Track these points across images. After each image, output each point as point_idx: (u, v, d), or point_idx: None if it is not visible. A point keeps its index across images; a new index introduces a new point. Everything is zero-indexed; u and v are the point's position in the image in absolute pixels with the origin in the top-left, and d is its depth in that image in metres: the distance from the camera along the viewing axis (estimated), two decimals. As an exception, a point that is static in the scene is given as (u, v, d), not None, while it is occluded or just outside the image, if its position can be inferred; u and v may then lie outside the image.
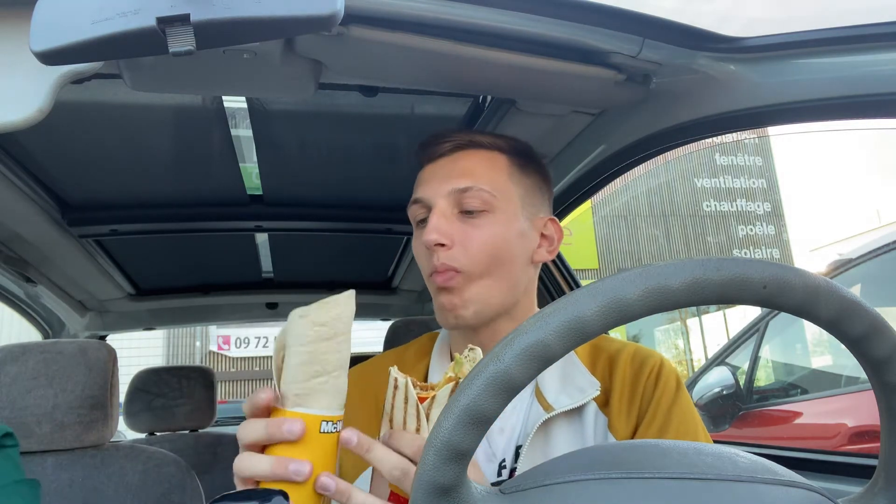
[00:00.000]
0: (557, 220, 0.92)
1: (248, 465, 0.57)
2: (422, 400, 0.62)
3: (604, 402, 0.83)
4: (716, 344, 13.04)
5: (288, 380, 0.59)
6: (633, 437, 0.80)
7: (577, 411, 0.81)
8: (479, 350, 0.66)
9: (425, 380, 0.90)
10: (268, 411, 0.60)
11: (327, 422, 0.58)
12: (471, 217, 0.83)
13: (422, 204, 0.86)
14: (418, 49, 0.76)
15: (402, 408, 0.63)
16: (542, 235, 0.90)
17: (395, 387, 0.63)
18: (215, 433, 2.23)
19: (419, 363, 0.93)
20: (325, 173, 1.51)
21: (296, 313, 0.59)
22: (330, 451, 0.59)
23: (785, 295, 0.43)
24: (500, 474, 0.81)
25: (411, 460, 0.60)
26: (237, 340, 13.71)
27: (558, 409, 0.79)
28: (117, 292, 2.14)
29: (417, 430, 0.62)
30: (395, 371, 0.64)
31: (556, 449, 0.78)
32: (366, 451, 0.60)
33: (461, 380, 0.62)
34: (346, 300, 0.60)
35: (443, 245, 0.81)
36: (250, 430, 0.58)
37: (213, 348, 13.63)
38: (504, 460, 0.81)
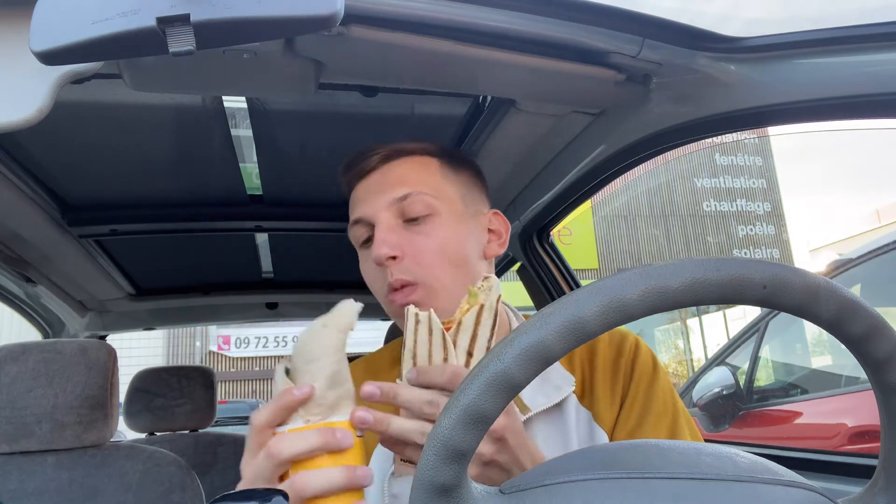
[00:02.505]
0: (501, 213, 0.91)
1: (320, 477, 0.54)
2: (447, 328, 0.63)
3: (582, 394, 0.83)
4: (716, 344, 13.04)
5: (321, 393, 0.57)
6: (616, 420, 0.81)
7: (557, 408, 0.81)
8: (493, 278, 0.66)
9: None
10: (272, 427, 0.58)
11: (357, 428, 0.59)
12: (416, 224, 0.81)
13: (363, 223, 0.84)
14: (418, 49, 0.76)
15: (426, 341, 0.62)
16: (490, 230, 0.89)
17: (417, 321, 0.63)
18: (215, 433, 2.23)
19: (393, 369, 0.91)
20: (325, 173, 1.51)
21: (318, 323, 0.58)
22: (362, 455, 0.58)
23: (785, 295, 0.43)
24: None
25: (444, 390, 0.60)
26: (237, 340, 13.73)
27: (535, 410, 0.78)
28: (117, 292, 2.14)
29: (445, 359, 0.62)
30: (412, 308, 0.64)
31: None
32: (392, 398, 0.59)
33: (484, 305, 0.63)
34: (353, 306, 0.60)
35: (394, 258, 0.78)
36: (299, 442, 0.54)
37: (213, 348, 13.64)
38: None
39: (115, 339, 2.26)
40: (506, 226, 0.91)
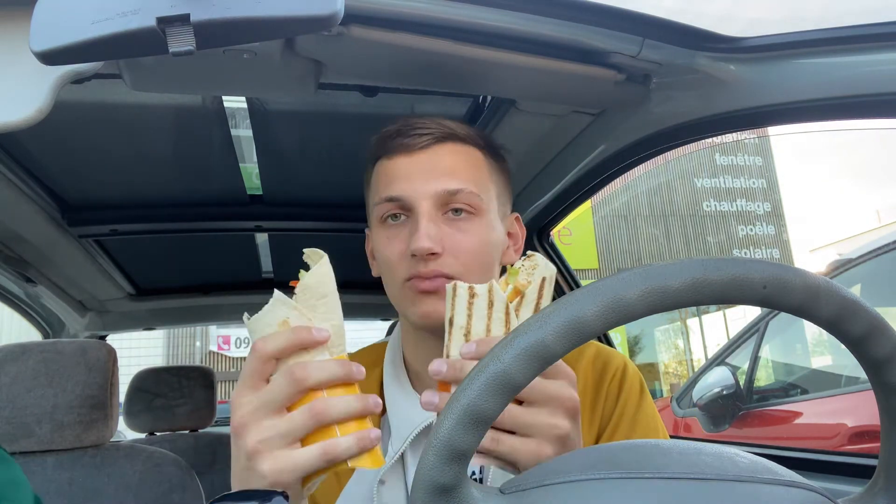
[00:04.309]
0: (520, 217, 0.89)
1: (339, 403, 0.57)
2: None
3: None
4: (716, 344, 13.05)
5: (340, 323, 0.60)
6: (596, 444, 0.79)
7: None
8: (538, 256, 0.64)
9: (381, 387, 0.87)
10: (276, 360, 0.59)
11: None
12: (458, 220, 0.78)
13: (398, 202, 0.78)
14: (418, 49, 0.76)
15: (485, 315, 0.60)
16: (508, 234, 0.87)
17: (473, 295, 0.61)
18: (215, 433, 2.23)
19: (371, 373, 0.88)
20: (324, 173, 1.51)
21: (317, 263, 0.60)
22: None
23: (785, 295, 0.43)
24: None
25: None
26: (237, 340, 13.72)
27: None
28: (117, 292, 2.14)
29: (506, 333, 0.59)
30: (461, 283, 0.62)
31: None
32: (459, 370, 0.60)
33: (546, 277, 0.62)
34: (324, 261, 0.60)
35: (434, 254, 0.75)
36: (324, 371, 0.57)
37: (213, 348, 13.64)
38: (474, 472, 0.80)
39: (115, 339, 2.26)
40: (523, 232, 0.89)
